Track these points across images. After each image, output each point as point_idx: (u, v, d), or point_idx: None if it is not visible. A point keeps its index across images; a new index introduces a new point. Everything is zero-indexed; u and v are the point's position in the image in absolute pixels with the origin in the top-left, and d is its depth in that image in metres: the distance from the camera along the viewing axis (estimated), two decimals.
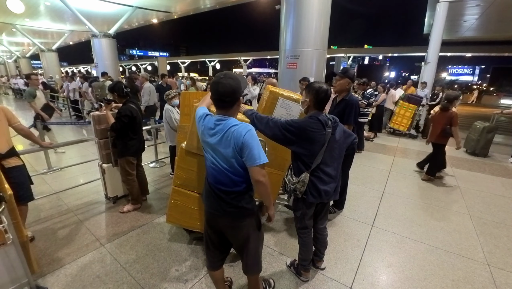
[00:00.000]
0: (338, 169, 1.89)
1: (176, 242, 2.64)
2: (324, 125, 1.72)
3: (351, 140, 1.91)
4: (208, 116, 1.50)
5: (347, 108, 2.64)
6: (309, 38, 5.98)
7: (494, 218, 3.19)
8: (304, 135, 1.73)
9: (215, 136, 1.41)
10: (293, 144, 1.78)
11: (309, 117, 1.78)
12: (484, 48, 20.12)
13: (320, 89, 1.73)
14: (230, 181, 1.45)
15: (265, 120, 1.87)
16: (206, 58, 33.13)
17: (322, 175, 1.80)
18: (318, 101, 1.76)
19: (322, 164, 1.77)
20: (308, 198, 1.85)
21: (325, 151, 1.74)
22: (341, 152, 1.85)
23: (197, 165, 2.20)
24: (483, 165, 5.22)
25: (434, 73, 9.39)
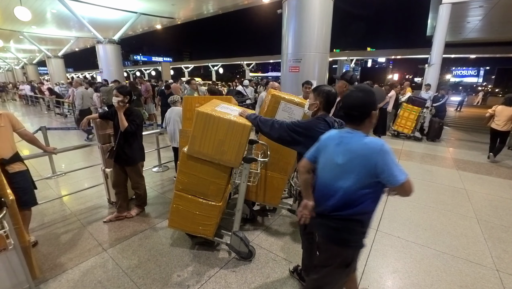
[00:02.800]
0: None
1: (178, 247, 2.63)
2: (330, 126, 1.71)
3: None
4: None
5: None
6: (311, 41, 5.99)
7: (503, 222, 3.11)
8: (311, 135, 1.72)
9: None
10: (300, 144, 1.78)
11: (316, 118, 1.78)
12: (489, 49, 19.97)
13: (330, 92, 1.77)
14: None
15: (270, 123, 1.88)
16: (209, 63, 33.40)
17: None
18: (327, 104, 1.77)
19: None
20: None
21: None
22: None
23: (198, 169, 2.18)
24: (490, 168, 5.13)
25: (438, 75, 9.33)
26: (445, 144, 7.20)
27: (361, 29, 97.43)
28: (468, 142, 7.63)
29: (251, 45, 46.30)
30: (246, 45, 68.69)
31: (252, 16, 40.15)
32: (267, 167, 2.77)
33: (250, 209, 2.94)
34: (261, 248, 2.58)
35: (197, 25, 19.64)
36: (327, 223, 1.42)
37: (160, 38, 70.09)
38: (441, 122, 7.36)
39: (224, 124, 2.00)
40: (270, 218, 3.13)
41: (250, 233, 2.81)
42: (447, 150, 6.50)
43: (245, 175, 2.15)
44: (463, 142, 7.66)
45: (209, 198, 2.27)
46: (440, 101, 7.65)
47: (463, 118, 14.06)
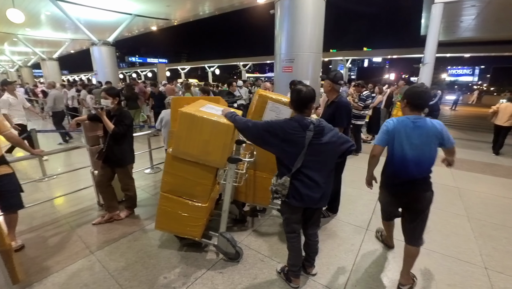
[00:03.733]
0: (327, 176, 1.81)
1: (166, 249, 2.60)
2: (303, 128, 1.69)
3: (347, 147, 1.79)
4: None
5: (336, 110, 2.61)
6: (304, 41, 6.00)
7: (493, 220, 3.12)
8: (282, 137, 1.70)
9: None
10: (272, 146, 1.76)
11: (289, 118, 1.76)
12: (484, 48, 20.09)
13: (298, 91, 1.72)
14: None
15: (244, 121, 1.87)
16: (206, 64, 33.33)
17: (305, 179, 1.75)
18: (297, 103, 1.74)
19: (304, 167, 1.72)
20: (291, 202, 1.81)
21: (307, 155, 1.70)
22: (330, 157, 1.79)
23: (184, 170, 2.16)
24: (483, 166, 5.14)
25: (432, 74, 9.35)
26: None
27: (357, 29, 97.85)
28: (462, 141, 7.66)
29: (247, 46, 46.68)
30: (242, 45, 68.30)
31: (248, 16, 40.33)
32: (256, 167, 2.75)
33: (240, 210, 2.93)
34: (249, 249, 2.56)
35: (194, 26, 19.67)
36: (418, 184, 1.90)
37: (157, 40, 70.00)
38: None
39: (208, 124, 1.98)
40: (260, 218, 3.11)
41: (239, 234, 2.79)
42: (439, 149, 6.49)
43: (231, 175, 2.13)
44: (457, 141, 7.61)
45: (195, 199, 2.25)
46: (433, 100, 7.66)
47: (458, 116, 14.13)
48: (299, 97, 1.72)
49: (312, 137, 1.68)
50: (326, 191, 1.84)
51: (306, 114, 1.75)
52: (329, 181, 1.85)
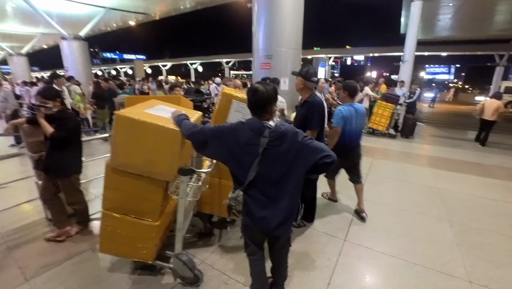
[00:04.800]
0: (289, 193, 1.47)
1: (117, 272, 2.24)
2: (256, 133, 1.38)
3: (318, 158, 1.38)
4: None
5: (309, 111, 2.34)
6: (283, 37, 5.72)
7: (476, 224, 2.97)
8: (232, 144, 1.40)
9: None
10: (220, 154, 1.46)
11: (240, 122, 1.45)
12: (459, 47, 20.72)
13: (254, 90, 1.40)
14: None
15: (190, 126, 1.55)
16: (188, 61, 32.41)
17: (260, 196, 1.44)
18: (252, 104, 1.43)
19: (259, 181, 1.41)
20: (244, 220, 1.52)
21: (262, 166, 1.39)
22: (294, 170, 1.43)
23: (127, 184, 1.80)
24: (461, 165, 5.09)
25: (411, 72, 9.40)
26: (419, 140, 7.21)
27: (341, 27, 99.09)
28: (441, 138, 7.69)
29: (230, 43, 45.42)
30: (226, 42, 66.58)
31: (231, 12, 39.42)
32: (221, 175, 2.43)
33: (204, 223, 2.60)
34: (213, 268, 2.24)
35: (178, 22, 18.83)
36: (358, 146, 2.94)
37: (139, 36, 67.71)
38: (415, 118, 7.36)
39: (151, 130, 1.63)
40: (229, 230, 2.79)
41: (204, 251, 2.46)
42: (421, 147, 6.47)
43: (183, 189, 1.80)
44: (436, 138, 7.72)
45: (144, 217, 1.90)
46: (412, 98, 7.65)
47: (436, 114, 14.42)
48: (254, 98, 1.40)
49: (268, 144, 1.37)
50: (288, 214, 1.50)
51: (265, 118, 1.43)
52: (293, 201, 1.52)
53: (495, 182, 4.25)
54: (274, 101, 1.45)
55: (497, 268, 2.27)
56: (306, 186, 2.71)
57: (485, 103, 6.66)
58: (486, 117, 6.51)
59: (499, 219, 3.10)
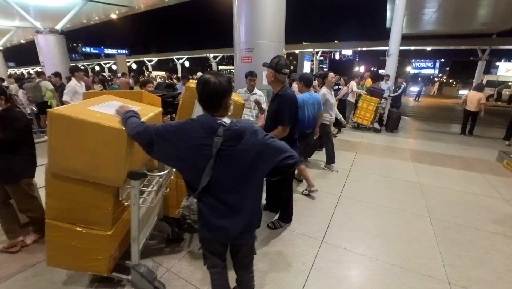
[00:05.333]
0: (249, 198, 1.32)
1: (72, 285, 2.03)
2: (209, 132, 1.21)
3: (279, 159, 1.24)
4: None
5: (280, 105, 2.17)
6: (264, 29, 5.49)
7: (456, 220, 2.90)
8: (181, 145, 1.21)
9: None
10: (169, 157, 1.28)
11: (190, 120, 1.26)
12: (443, 41, 21.00)
13: (204, 82, 1.20)
14: None
15: (135, 125, 1.35)
16: (174, 56, 31.60)
17: (216, 203, 1.27)
18: (202, 99, 1.24)
19: (214, 187, 1.24)
20: (200, 231, 1.34)
21: (217, 169, 1.21)
22: (253, 172, 1.26)
23: (72, 191, 1.59)
24: (444, 158, 5.07)
25: (396, 65, 9.37)
26: (403, 134, 7.20)
27: (329, 23, 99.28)
28: (425, 132, 7.72)
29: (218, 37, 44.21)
30: (213, 36, 65.47)
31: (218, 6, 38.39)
32: None
33: (172, 228, 2.41)
34: (178, 278, 2.06)
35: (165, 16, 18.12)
36: (314, 129, 3.39)
37: (124, 30, 65.93)
38: (399, 112, 7.34)
39: (90, 129, 1.42)
40: None
41: (171, 258, 2.28)
42: (405, 141, 6.45)
43: (135, 195, 1.60)
44: (420, 132, 7.75)
45: (94, 226, 1.69)
46: (397, 91, 7.63)
47: (420, 107, 14.59)
48: (205, 91, 1.21)
49: (222, 145, 1.19)
50: (250, 221, 1.34)
51: (219, 114, 1.25)
52: (255, 206, 1.36)
53: (475, 176, 4.23)
54: (229, 94, 1.26)
55: (476, 267, 2.19)
56: (281, 185, 2.60)
57: (468, 94, 7.05)
58: (470, 108, 6.91)
59: (478, 214, 3.05)
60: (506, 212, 3.13)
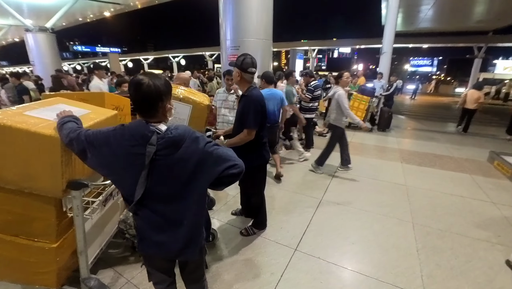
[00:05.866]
0: (190, 210, 1.19)
1: None
2: (141, 139, 1.07)
3: (222, 169, 1.12)
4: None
5: (245, 107, 2.04)
6: (249, 26, 5.36)
7: (439, 225, 2.79)
8: (110, 153, 1.09)
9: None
10: (101, 166, 1.16)
11: (120, 126, 1.13)
12: (440, 39, 20.87)
13: (136, 84, 1.06)
14: None
15: (68, 131, 1.22)
16: (170, 54, 31.31)
17: (153, 217, 1.15)
18: (134, 103, 1.11)
19: (150, 199, 1.12)
20: (138, 247, 1.22)
21: (152, 180, 1.09)
22: (193, 183, 1.14)
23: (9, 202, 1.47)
24: (433, 159, 4.95)
25: (390, 63, 9.25)
26: (395, 134, 7.08)
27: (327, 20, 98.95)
28: (417, 131, 7.61)
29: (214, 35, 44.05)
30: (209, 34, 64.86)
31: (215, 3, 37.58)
32: None
33: None
34: None
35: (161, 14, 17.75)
36: (277, 124, 3.64)
37: (121, 28, 65.39)
38: (390, 111, 7.22)
39: (20, 136, 1.29)
40: None
41: (133, 268, 2.14)
42: (396, 141, 6.33)
43: (77, 206, 1.48)
44: (412, 131, 7.64)
45: (38, 238, 1.57)
46: (389, 90, 7.51)
47: (415, 106, 14.46)
48: (137, 94, 1.08)
49: (156, 154, 1.07)
50: (191, 236, 1.22)
51: (155, 120, 1.12)
52: (195, 219, 1.23)
53: (464, 177, 4.12)
54: (166, 97, 1.13)
55: (455, 278, 2.08)
56: (251, 189, 2.47)
57: (467, 93, 7.15)
58: (467, 106, 6.99)
59: (463, 218, 2.94)
60: (492, 216, 3.02)
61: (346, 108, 3.68)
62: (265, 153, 2.21)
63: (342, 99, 3.68)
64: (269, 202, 3.06)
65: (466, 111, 7.15)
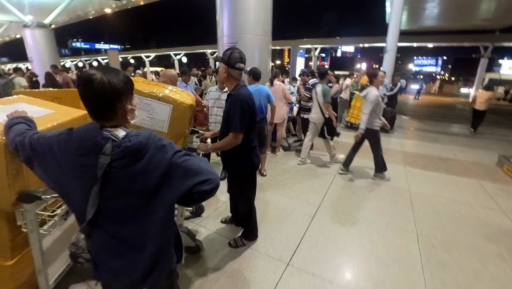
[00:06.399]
0: (151, 230, 0.98)
1: None
2: (91, 148, 0.87)
3: (191, 184, 0.91)
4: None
5: (231, 107, 1.83)
6: (246, 22, 5.13)
7: (445, 236, 2.58)
8: (54, 163, 0.90)
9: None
10: (47, 177, 0.95)
11: (67, 130, 0.93)
12: (445, 38, 20.43)
13: (85, 80, 0.86)
14: None
15: (15, 134, 1.04)
16: (171, 52, 31.08)
17: (109, 239, 0.96)
18: (84, 103, 0.91)
19: (104, 219, 0.93)
20: (94, 274, 1.03)
21: (106, 196, 0.89)
22: (156, 200, 0.94)
23: None
24: (438, 162, 4.72)
25: (394, 62, 8.98)
26: (398, 134, 6.85)
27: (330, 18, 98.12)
28: (421, 132, 7.37)
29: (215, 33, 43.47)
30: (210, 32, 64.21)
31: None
32: None
33: None
34: None
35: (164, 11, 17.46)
36: (264, 120, 3.58)
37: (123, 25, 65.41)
38: (393, 111, 6.98)
39: None
40: None
41: None
42: (398, 142, 6.10)
43: (31, 220, 1.29)
44: (415, 132, 7.40)
45: None
46: (393, 90, 7.26)
47: (419, 106, 14.15)
48: (87, 92, 0.87)
49: (111, 165, 0.87)
50: (155, 260, 1.01)
51: (111, 124, 0.92)
52: (160, 241, 1.02)
53: (471, 182, 3.90)
54: (125, 97, 0.93)
55: None
56: (238, 197, 2.24)
57: (477, 94, 7.21)
58: (478, 107, 7.02)
59: (471, 229, 2.73)
60: (502, 226, 2.80)
61: (364, 112, 3.49)
62: (254, 158, 2.01)
63: (371, 100, 3.44)
64: (261, 209, 2.87)
65: (476, 112, 7.12)
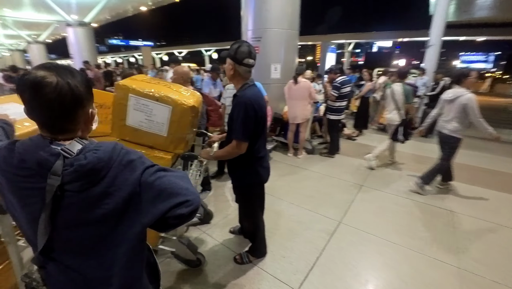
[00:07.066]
0: (117, 261, 0.79)
1: None
2: (36, 168, 0.69)
3: (166, 208, 0.73)
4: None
5: (234, 111, 1.60)
6: (271, 15, 4.86)
7: (495, 274, 2.11)
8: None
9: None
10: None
11: (8, 144, 0.76)
12: (500, 30, 18.15)
13: (32, 84, 0.67)
14: None
15: None
16: (202, 48, 31.62)
17: (65, 272, 0.78)
18: (31, 114, 0.72)
19: (59, 250, 0.76)
20: None
21: (59, 225, 0.71)
22: (122, 227, 0.76)
23: None
24: (487, 175, 4.08)
25: (437, 58, 8.07)
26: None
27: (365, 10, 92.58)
28: (466, 138, 6.40)
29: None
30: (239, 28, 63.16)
31: None
32: None
33: None
34: None
35: (199, 7, 17.65)
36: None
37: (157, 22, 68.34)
38: None
39: None
40: None
41: None
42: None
43: (7, 232, 1.18)
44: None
45: None
46: (435, 89, 6.49)
47: None
48: (35, 99, 0.68)
49: (64, 188, 0.69)
50: None
51: (65, 137, 0.74)
52: (128, 276, 0.83)
53: None
54: (87, 101, 0.75)
55: None
56: (243, 214, 2.01)
57: None
58: None
59: None
60: None
61: (477, 116, 3.01)
62: (261, 170, 1.76)
63: (474, 105, 3.00)
64: (273, 220, 2.62)
65: None
